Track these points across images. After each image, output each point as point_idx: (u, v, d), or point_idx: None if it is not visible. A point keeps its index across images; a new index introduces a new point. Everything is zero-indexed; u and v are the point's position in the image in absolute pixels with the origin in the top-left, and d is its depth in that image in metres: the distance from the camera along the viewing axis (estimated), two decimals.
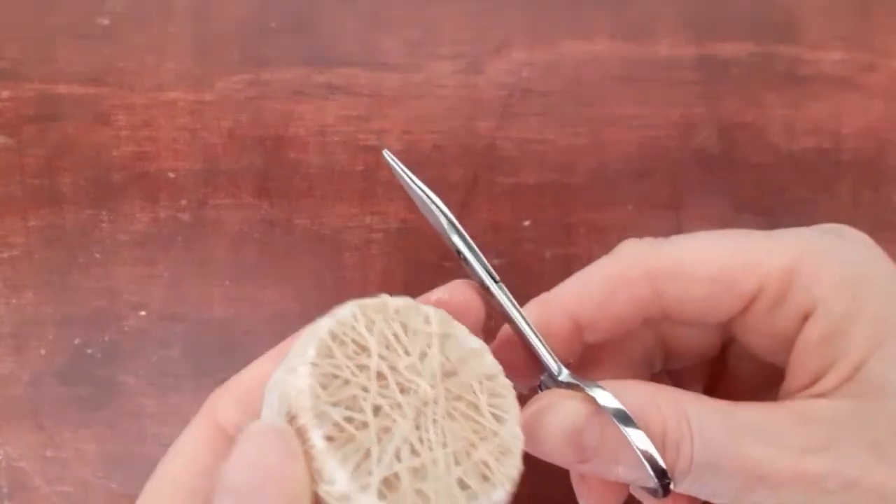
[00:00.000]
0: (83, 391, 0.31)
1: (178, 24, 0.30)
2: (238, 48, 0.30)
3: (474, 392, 0.20)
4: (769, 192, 0.31)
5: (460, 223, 0.22)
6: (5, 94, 0.31)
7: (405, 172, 0.23)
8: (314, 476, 0.17)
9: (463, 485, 0.18)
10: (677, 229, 0.30)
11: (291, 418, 0.17)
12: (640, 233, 0.23)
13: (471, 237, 0.22)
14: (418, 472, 0.18)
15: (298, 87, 0.30)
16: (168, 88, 0.30)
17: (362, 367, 0.18)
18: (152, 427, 0.31)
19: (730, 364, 0.26)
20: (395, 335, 0.20)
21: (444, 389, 0.19)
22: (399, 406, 0.18)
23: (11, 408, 0.31)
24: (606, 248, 0.23)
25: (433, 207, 0.22)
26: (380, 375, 0.18)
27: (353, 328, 0.19)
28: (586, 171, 0.30)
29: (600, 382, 0.20)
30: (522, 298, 0.23)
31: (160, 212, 0.30)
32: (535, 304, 0.23)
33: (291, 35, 0.30)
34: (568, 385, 0.22)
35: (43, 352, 0.31)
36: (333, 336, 0.19)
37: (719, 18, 0.30)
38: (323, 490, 0.17)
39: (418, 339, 0.20)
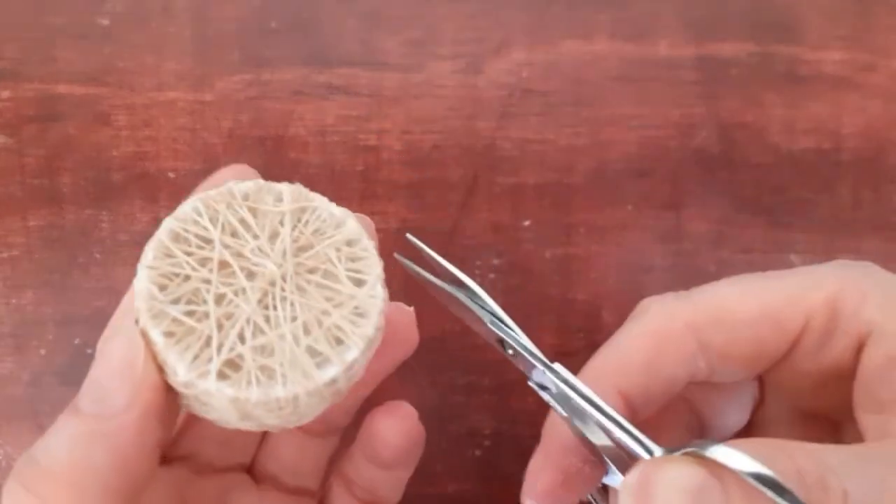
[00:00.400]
0: None
1: (178, 25, 0.30)
2: (238, 48, 0.30)
3: (331, 261, 0.20)
4: (769, 191, 0.31)
5: (460, 224, 0.22)
6: (5, 93, 0.31)
7: (435, 258, 0.21)
8: (164, 369, 0.18)
9: (313, 352, 0.18)
10: (677, 229, 0.30)
11: (136, 321, 0.18)
12: (639, 233, 0.23)
13: (470, 237, 0.22)
14: (264, 350, 0.18)
15: (298, 87, 0.30)
16: (168, 88, 0.30)
17: (205, 261, 0.19)
18: None
19: (755, 429, 0.25)
20: (243, 220, 0.20)
21: (297, 264, 0.19)
22: (244, 291, 0.19)
23: (11, 408, 0.31)
24: (606, 248, 0.23)
25: (474, 306, 0.21)
26: (223, 264, 0.19)
27: (196, 222, 0.19)
28: (586, 170, 0.30)
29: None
30: (522, 298, 0.23)
31: (160, 212, 0.30)
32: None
33: (291, 35, 0.30)
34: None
35: (43, 352, 0.31)
36: (174, 235, 0.19)
37: (719, 18, 0.30)
38: (172, 381, 0.18)
39: (268, 219, 0.20)
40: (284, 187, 0.20)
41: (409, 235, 0.21)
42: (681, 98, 0.30)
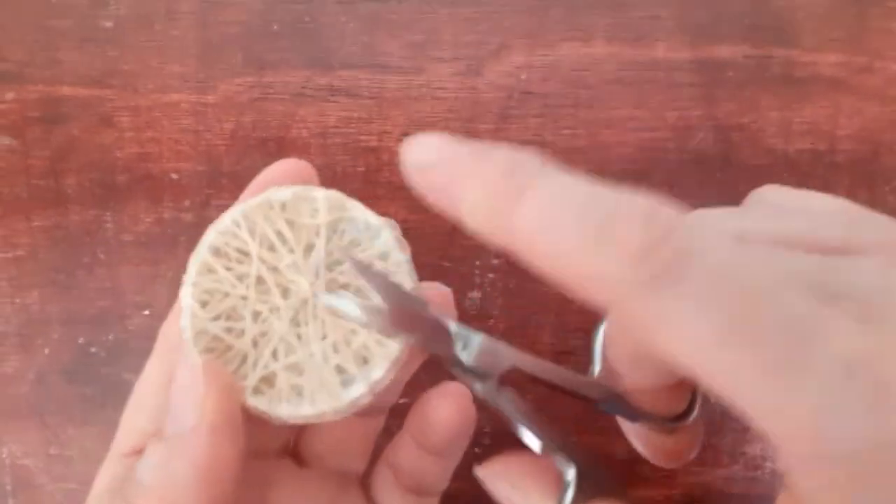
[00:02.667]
0: (88, 390, 0.31)
1: (181, 27, 0.31)
2: (241, 51, 0.31)
3: None
4: None
5: (460, 224, 0.22)
6: (10, 96, 0.31)
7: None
8: None
9: (341, 370, 0.19)
10: None
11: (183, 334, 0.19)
12: None
13: (470, 238, 0.22)
14: (295, 368, 0.19)
15: (300, 89, 0.31)
16: (171, 90, 0.31)
17: (242, 276, 0.19)
18: None
19: None
20: (279, 233, 0.20)
21: (329, 280, 0.20)
22: (277, 309, 0.19)
23: (16, 406, 0.31)
24: None
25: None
26: (259, 280, 0.19)
27: (236, 235, 0.20)
28: (585, 172, 0.31)
29: None
30: (522, 298, 0.23)
31: (164, 212, 0.31)
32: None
33: (293, 38, 0.31)
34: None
35: (47, 351, 0.31)
36: (215, 250, 0.20)
37: (716, 22, 0.31)
38: None
39: (304, 231, 0.20)
40: (321, 196, 0.20)
41: (350, 261, 0.20)
42: (678, 100, 0.31)
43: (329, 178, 0.31)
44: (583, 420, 0.29)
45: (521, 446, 0.20)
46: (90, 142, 0.31)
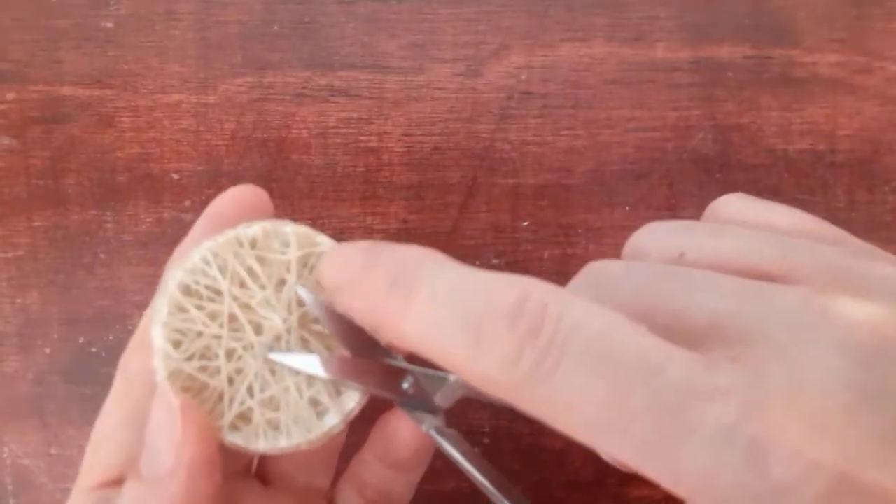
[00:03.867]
0: (88, 390, 0.31)
1: (181, 27, 0.31)
2: (241, 51, 0.31)
3: None
4: (765, 193, 0.31)
5: (460, 224, 0.22)
6: (10, 95, 0.31)
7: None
8: None
9: (315, 402, 0.20)
10: None
11: (156, 374, 0.19)
12: None
13: (470, 238, 0.22)
14: (271, 402, 0.19)
15: (300, 89, 0.31)
16: (172, 91, 0.31)
17: (215, 315, 0.20)
18: None
19: None
20: (250, 270, 0.20)
21: (301, 315, 0.20)
22: (251, 346, 0.20)
23: (16, 406, 0.31)
24: (604, 249, 0.23)
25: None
26: (232, 318, 0.20)
27: (206, 273, 0.20)
28: (584, 172, 0.31)
29: None
30: None
31: (164, 212, 0.31)
32: None
33: (294, 38, 0.31)
34: None
35: (48, 351, 0.31)
36: (185, 289, 0.20)
37: (715, 22, 0.31)
38: None
39: (275, 267, 0.20)
40: (290, 231, 0.20)
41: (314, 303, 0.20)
42: (678, 100, 0.31)
43: (329, 178, 0.31)
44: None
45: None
46: (90, 142, 0.31)
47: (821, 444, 0.14)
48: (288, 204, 0.31)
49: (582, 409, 0.15)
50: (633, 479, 0.31)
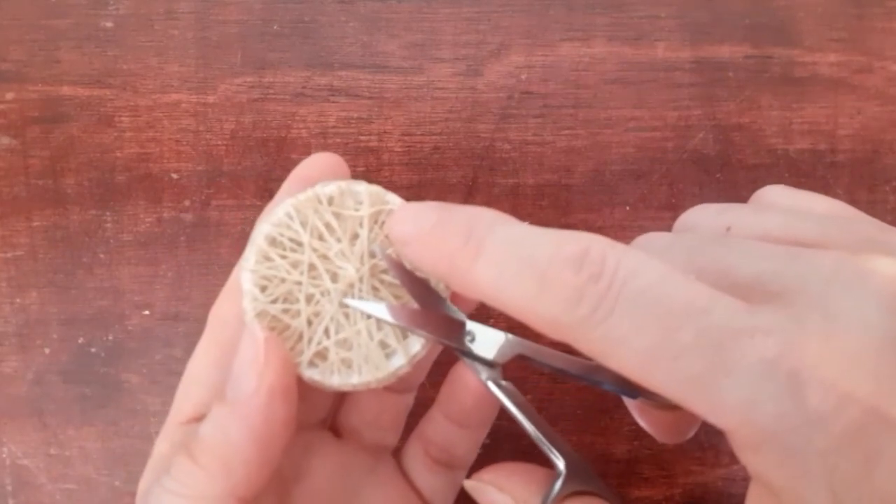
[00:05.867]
0: (87, 390, 0.31)
1: (181, 27, 0.31)
2: (241, 51, 0.31)
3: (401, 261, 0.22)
4: None
5: None
6: (9, 95, 0.31)
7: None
8: None
9: (384, 345, 0.22)
10: None
11: (244, 316, 0.22)
12: (637, 233, 0.23)
13: None
14: (344, 344, 0.22)
15: (300, 89, 0.31)
16: (171, 90, 0.31)
17: (296, 264, 0.22)
18: (155, 425, 0.31)
19: None
20: (328, 224, 0.22)
21: (372, 265, 0.22)
22: (328, 292, 0.22)
23: (16, 406, 0.31)
24: None
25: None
26: (311, 266, 0.22)
27: (289, 227, 0.22)
28: (584, 172, 0.31)
29: None
30: None
31: (163, 212, 0.31)
32: None
33: (293, 38, 0.31)
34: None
35: (47, 351, 0.31)
36: (271, 240, 0.22)
37: (716, 22, 0.31)
38: None
39: (349, 222, 0.22)
40: (364, 190, 0.22)
41: (385, 258, 0.22)
42: (678, 100, 0.31)
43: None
44: (583, 420, 0.29)
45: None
46: (90, 142, 0.31)
47: (854, 379, 0.15)
48: None
49: (634, 346, 0.16)
50: (635, 480, 0.31)
